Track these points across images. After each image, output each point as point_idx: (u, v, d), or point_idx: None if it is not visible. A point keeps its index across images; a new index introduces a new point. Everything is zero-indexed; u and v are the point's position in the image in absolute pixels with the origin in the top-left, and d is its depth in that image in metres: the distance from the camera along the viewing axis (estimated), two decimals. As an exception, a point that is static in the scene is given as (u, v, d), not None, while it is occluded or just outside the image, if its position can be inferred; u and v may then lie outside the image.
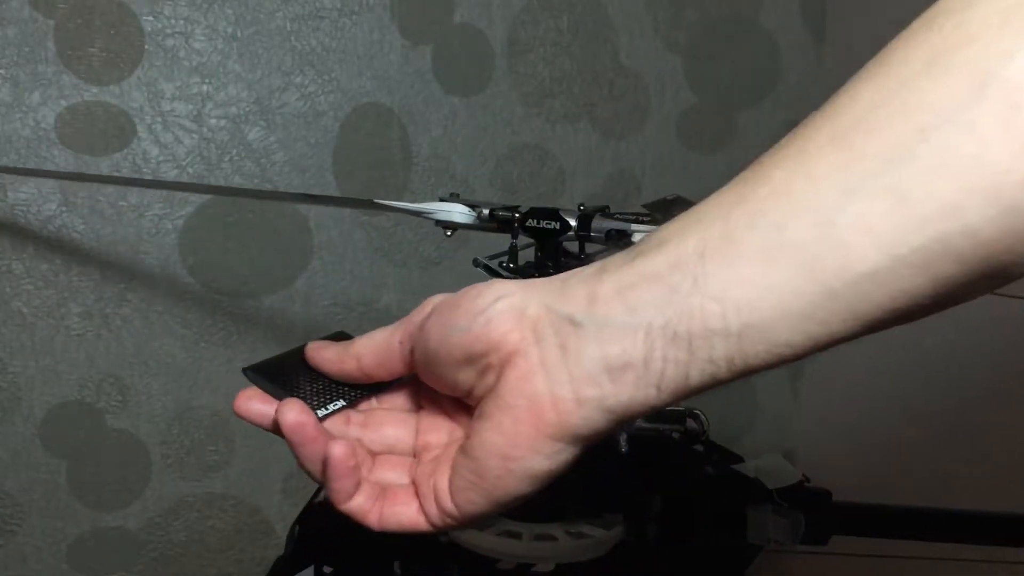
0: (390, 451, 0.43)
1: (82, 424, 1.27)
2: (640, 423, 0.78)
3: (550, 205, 0.75)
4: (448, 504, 0.39)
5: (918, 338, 1.41)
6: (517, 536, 0.70)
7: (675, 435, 0.76)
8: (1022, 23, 0.27)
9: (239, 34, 1.28)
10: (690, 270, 0.32)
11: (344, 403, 0.43)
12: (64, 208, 1.24)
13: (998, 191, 0.28)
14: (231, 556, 1.37)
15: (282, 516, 1.38)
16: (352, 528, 0.76)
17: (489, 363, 0.36)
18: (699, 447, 0.77)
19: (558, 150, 1.47)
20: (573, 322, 0.34)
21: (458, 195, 0.79)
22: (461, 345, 0.37)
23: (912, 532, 0.83)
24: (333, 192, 1.35)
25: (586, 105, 1.48)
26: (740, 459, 0.79)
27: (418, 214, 0.78)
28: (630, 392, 0.34)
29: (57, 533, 1.28)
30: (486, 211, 0.75)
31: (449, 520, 0.40)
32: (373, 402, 0.44)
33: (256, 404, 0.42)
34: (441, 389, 0.40)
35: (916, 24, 0.30)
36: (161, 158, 1.26)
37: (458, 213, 0.76)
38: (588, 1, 1.46)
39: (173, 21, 1.25)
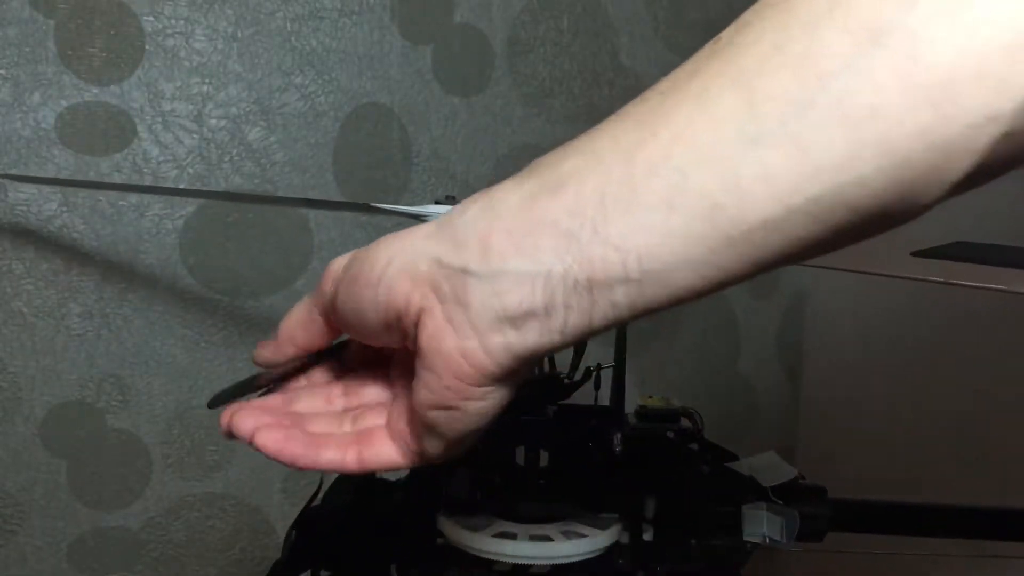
0: (372, 399, 0.44)
1: (82, 424, 1.28)
2: (634, 423, 0.78)
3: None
4: (415, 448, 0.41)
5: (918, 338, 1.41)
6: (512, 537, 0.70)
7: (669, 434, 0.76)
8: None
9: (239, 34, 1.28)
10: (589, 216, 0.32)
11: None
12: (64, 208, 1.24)
13: (891, 143, 0.28)
14: (231, 556, 1.37)
15: (282, 516, 1.38)
16: (349, 532, 0.76)
17: (404, 326, 0.37)
18: (694, 446, 0.77)
19: (558, 150, 1.46)
20: (467, 273, 0.34)
21: (454, 197, 0.79)
22: (375, 318, 0.38)
23: (909, 528, 0.83)
24: (334, 192, 1.35)
25: (586, 105, 1.48)
26: (735, 457, 0.79)
27: (415, 216, 0.78)
28: (535, 338, 0.34)
29: (57, 533, 1.28)
30: (481, 211, 0.74)
31: (423, 460, 0.41)
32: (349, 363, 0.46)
33: (248, 423, 0.43)
34: (376, 345, 0.42)
35: None
36: (161, 158, 1.26)
37: (453, 214, 0.76)
38: (588, 1, 1.46)
39: (173, 21, 1.26)
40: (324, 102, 1.33)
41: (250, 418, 0.42)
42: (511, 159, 1.43)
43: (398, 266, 0.36)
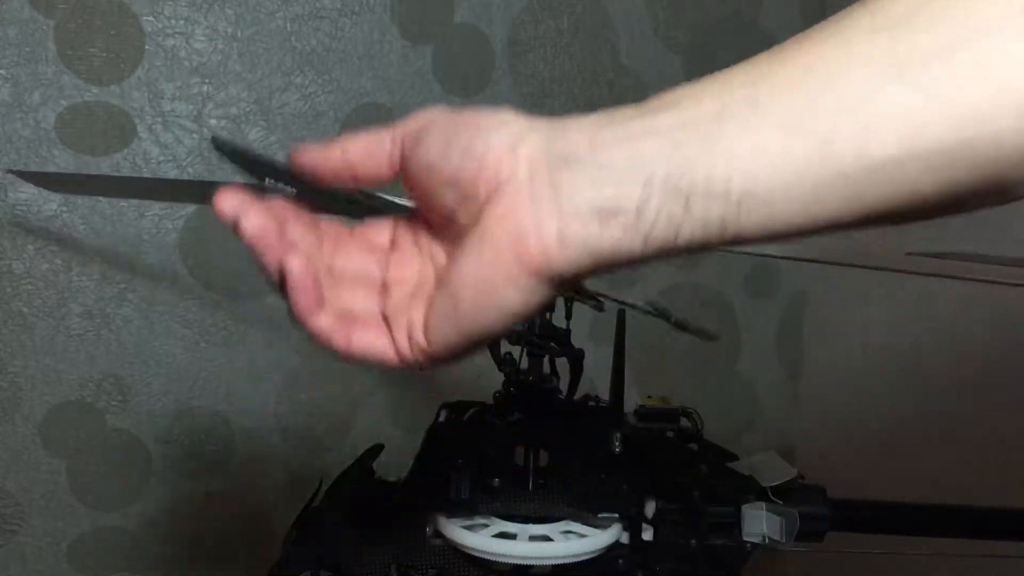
0: (358, 279, 0.42)
1: (82, 424, 1.28)
2: (634, 422, 0.78)
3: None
4: (420, 338, 0.39)
5: (917, 338, 1.41)
6: (512, 538, 0.70)
7: (669, 434, 0.76)
8: None
9: (239, 34, 1.28)
10: (703, 128, 0.32)
11: (294, 191, 0.42)
12: (64, 208, 1.24)
13: None
14: (231, 556, 1.37)
15: (282, 516, 1.37)
16: (349, 532, 0.76)
17: (475, 190, 0.36)
18: (693, 446, 0.77)
19: (558, 150, 1.47)
20: (571, 160, 0.34)
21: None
22: (452, 164, 0.36)
23: (909, 528, 0.83)
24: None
25: (586, 105, 1.48)
26: (735, 457, 0.79)
27: (408, 210, 0.78)
28: (616, 238, 0.33)
29: (57, 533, 1.28)
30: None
31: (419, 355, 0.39)
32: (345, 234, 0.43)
33: (229, 200, 0.40)
34: (422, 202, 0.40)
35: None
36: (161, 158, 1.26)
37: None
38: (588, 1, 1.46)
39: (173, 21, 1.26)
40: (324, 102, 1.33)
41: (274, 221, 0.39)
42: (511, 159, 1.43)
43: (508, 132, 0.35)
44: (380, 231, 0.43)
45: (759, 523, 0.72)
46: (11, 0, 1.18)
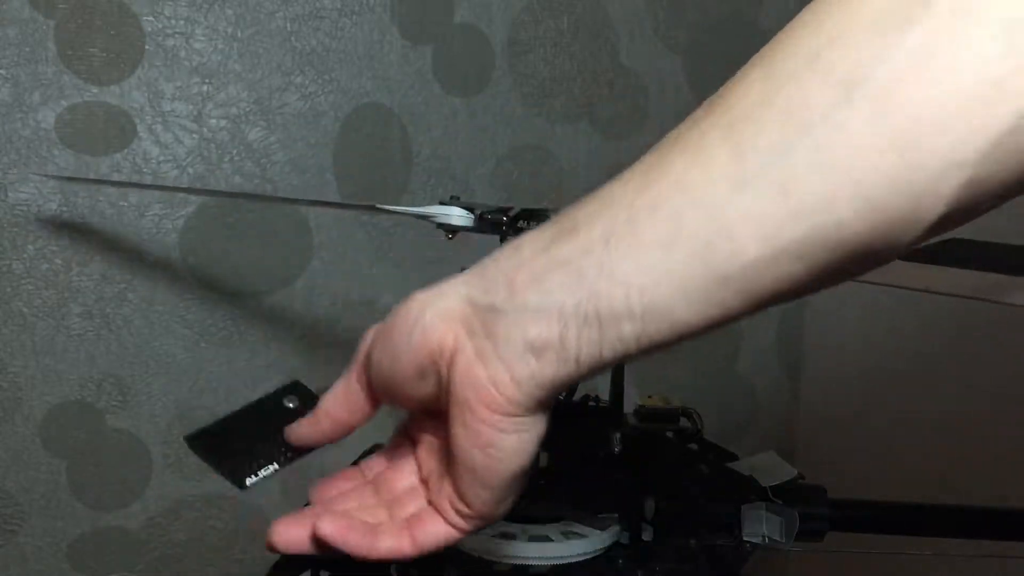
0: (406, 488, 0.46)
1: (82, 424, 1.28)
2: (634, 422, 0.78)
3: (548, 206, 0.75)
4: (463, 508, 0.42)
5: (918, 338, 1.41)
6: (512, 537, 0.70)
7: (669, 434, 0.76)
8: (894, 25, 0.29)
9: (239, 34, 1.28)
10: (596, 256, 0.35)
11: (276, 467, 0.47)
12: (64, 208, 1.24)
13: (865, 189, 0.30)
14: (231, 556, 1.37)
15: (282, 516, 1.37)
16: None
17: (439, 370, 0.39)
18: (693, 446, 0.77)
19: (558, 150, 1.47)
20: (495, 310, 0.37)
21: (458, 198, 0.79)
22: (409, 362, 0.40)
23: (909, 528, 0.83)
24: (333, 192, 1.35)
25: (586, 105, 1.48)
26: (734, 457, 0.79)
27: (421, 217, 0.78)
28: (554, 369, 0.37)
29: (57, 533, 1.28)
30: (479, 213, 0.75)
31: (474, 521, 0.43)
32: (381, 463, 0.48)
33: (294, 530, 0.45)
34: (413, 408, 0.44)
35: (804, 16, 0.32)
36: (161, 158, 1.26)
37: (456, 216, 0.77)
38: (588, 1, 1.46)
39: (173, 21, 1.26)
40: (324, 102, 1.33)
41: (304, 519, 0.44)
42: (511, 159, 1.43)
43: (432, 311, 0.39)
44: (401, 441, 0.47)
45: (759, 523, 0.72)
46: (11, 0, 1.18)
